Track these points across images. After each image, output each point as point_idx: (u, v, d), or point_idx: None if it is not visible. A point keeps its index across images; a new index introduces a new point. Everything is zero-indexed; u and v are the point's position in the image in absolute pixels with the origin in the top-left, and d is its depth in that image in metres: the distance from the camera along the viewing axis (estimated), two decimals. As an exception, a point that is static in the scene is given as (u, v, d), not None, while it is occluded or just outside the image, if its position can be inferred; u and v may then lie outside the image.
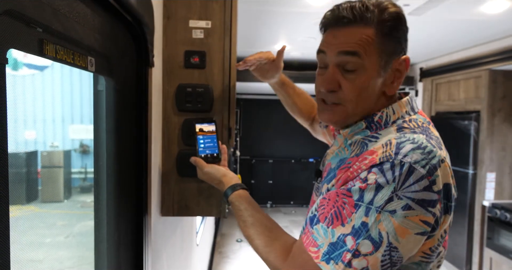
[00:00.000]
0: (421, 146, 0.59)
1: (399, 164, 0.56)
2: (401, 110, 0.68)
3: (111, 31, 0.73)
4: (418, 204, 0.56)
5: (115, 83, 0.76)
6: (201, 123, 0.98)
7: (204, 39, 1.07)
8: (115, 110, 0.78)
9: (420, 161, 0.57)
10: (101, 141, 0.75)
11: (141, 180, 0.91)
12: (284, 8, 2.31)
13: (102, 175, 0.75)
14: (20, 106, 0.41)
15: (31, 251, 3.45)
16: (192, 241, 2.06)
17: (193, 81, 1.07)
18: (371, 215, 0.56)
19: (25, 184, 4.82)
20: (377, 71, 0.66)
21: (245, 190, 0.85)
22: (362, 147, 0.66)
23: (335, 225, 0.58)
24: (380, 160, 0.58)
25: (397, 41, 0.67)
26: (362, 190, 0.57)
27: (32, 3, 0.44)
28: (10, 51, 0.40)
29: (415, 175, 0.56)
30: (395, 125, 0.67)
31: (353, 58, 0.66)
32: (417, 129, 0.65)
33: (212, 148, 0.96)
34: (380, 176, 0.57)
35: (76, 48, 0.57)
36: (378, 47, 0.65)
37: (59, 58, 0.51)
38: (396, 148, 0.59)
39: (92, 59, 0.63)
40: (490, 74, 3.03)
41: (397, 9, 0.66)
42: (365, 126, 0.69)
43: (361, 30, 0.66)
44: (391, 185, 0.56)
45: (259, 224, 0.74)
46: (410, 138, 0.61)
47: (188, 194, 1.07)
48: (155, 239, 1.03)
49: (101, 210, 0.76)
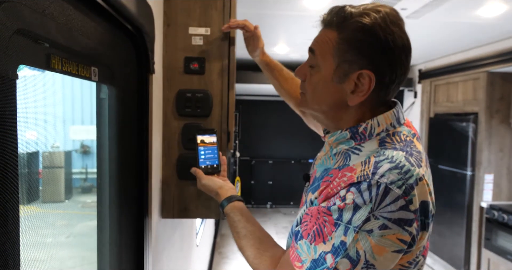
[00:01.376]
0: (399, 165, 0.59)
1: (375, 185, 0.57)
2: (385, 122, 0.68)
3: (113, 41, 0.76)
4: (394, 223, 0.57)
5: (117, 91, 0.79)
6: (202, 134, 1.01)
7: (203, 45, 1.09)
8: (117, 116, 0.80)
9: (397, 182, 0.57)
10: (104, 146, 0.77)
11: (142, 183, 0.93)
12: (283, 11, 2.33)
13: (104, 179, 0.78)
14: (21, 106, 0.44)
15: (33, 251, 3.47)
16: (192, 242, 2.09)
17: (192, 86, 1.09)
18: (349, 234, 0.57)
19: (27, 185, 4.84)
20: (330, 74, 0.67)
21: (241, 201, 0.88)
22: (345, 159, 0.67)
23: (317, 242, 0.60)
24: (358, 179, 0.59)
25: (357, 52, 0.64)
26: (341, 210, 0.59)
27: (40, 20, 0.47)
28: (20, 67, 0.43)
29: (391, 195, 0.57)
30: (379, 137, 0.67)
31: (310, 55, 0.70)
32: (398, 144, 0.64)
33: (212, 159, 0.99)
34: (357, 196, 0.58)
35: (80, 60, 0.60)
36: (334, 52, 0.66)
37: (65, 70, 0.54)
38: (374, 167, 0.60)
39: (95, 69, 0.66)
40: (488, 76, 3.05)
41: (369, 21, 0.63)
42: (349, 136, 0.69)
43: (328, 32, 0.68)
44: (368, 205, 0.57)
45: (252, 236, 0.77)
46: (389, 156, 0.61)
47: (187, 197, 1.10)
48: (155, 241, 1.05)
49: (103, 213, 0.79)
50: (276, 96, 6.22)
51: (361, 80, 0.65)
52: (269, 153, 6.31)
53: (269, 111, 6.16)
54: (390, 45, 0.63)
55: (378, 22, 0.63)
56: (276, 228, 5.11)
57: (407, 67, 0.67)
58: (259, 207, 6.23)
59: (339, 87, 0.67)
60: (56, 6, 0.51)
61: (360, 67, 0.64)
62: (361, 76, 0.65)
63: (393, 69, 0.64)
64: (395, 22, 0.64)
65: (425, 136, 3.84)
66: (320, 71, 0.68)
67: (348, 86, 0.66)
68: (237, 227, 0.80)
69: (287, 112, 5.62)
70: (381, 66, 0.64)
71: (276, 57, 4.30)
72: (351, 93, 0.67)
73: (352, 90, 0.66)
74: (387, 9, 0.65)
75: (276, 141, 6.28)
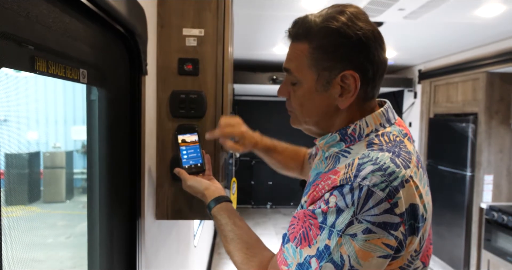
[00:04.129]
0: (382, 167, 0.57)
1: (357, 187, 0.56)
2: (374, 122, 0.67)
3: (103, 43, 0.76)
4: (379, 227, 0.55)
5: (107, 93, 0.79)
6: (183, 133, 1.00)
7: (197, 46, 1.09)
8: (108, 118, 0.80)
9: (379, 184, 0.56)
10: (94, 148, 0.77)
11: (134, 184, 0.93)
12: (281, 12, 2.33)
13: (95, 181, 0.78)
14: (22, 107, 0.44)
15: (34, 251, 3.49)
16: (190, 243, 2.09)
17: (186, 87, 1.09)
18: (332, 238, 0.56)
19: (28, 185, 4.85)
20: (313, 85, 0.66)
21: (229, 202, 0.86)
22: (335, 162, 0.66)
23: (303, 245, 0.59)
24: (341, 182, 0.58)
25: (333, 56, 0.64)
26: (325, 213, 0.58)
27: (24, 23, 0.47)
28: (1, 70, 0.43)
29: (374, 198, 0.55)
30: (368, 139, 0.66)
31: (288, 74, 0.70)
32: (386, 145, 0.63)
33: (195, 158, 0.98)
34: (340, 200, 0.57)
35: (68, 62, 0.60)
36: (310, 63, 0.65)
37: (51, 73, 0.54)
38: (357, 170, 0.58)
39: (84, 71, 0.66)
40: (488, 77, 3.04)
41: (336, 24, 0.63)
42: (339, 138, 0.68)
43: (297, 45, 0.67)
44: (350, 208, 0.56)
45: (239, 241, 0.76)
46: (373, 158, 0.59)
47: (181, 198, 1.10)
48: (149, 242, 1.05)
49: (93, 215, 0.79)
50: (275, 97, 6.23)
51: (346, 81, 0.65)
52: (269, 153, 6.29)
53: (268, 112, 6.16)
54: (362, 41, 0.63)
55: (345, 22, 0.63)
56: (276, 229, 5.10)
57: (385, 56, 0.67)
58: (259, 207, 6.22)
59: (326, 95, 0.67)
60: (41, 9, 0.51)
61: (341, 70, 0.64)
62: (345, 78, 0.64)
63: (373, 62, 0.64)
64: (359, 18, 0.64)
65: (425, 136, 3.82)
66: (302, 85, 0.68)
67: (334, 91, 0.66)
68: (224, 230, 0.79)
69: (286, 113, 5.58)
70: (361, 63, 0.64)
71: (275, 57, 4.29)
72: (339, 97, 0.66)
73: (339, 93, 0.66)
74: (348, 7, 0.66)
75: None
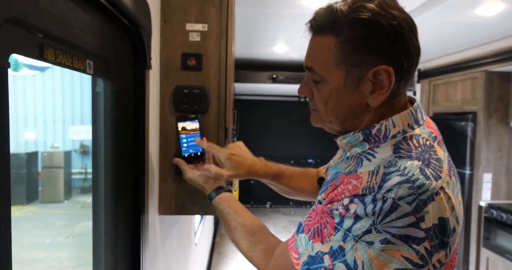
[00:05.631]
0: (411, 179, 0.53)
1: (381, 199, 0.52)
2: (402, 122, 0.61)
3: (109, 35, 0.76)
4: (400, 239, 0.52)
5: (113, 85, 0.78)
6: (183, 121, 0.96)
7: (200, 41, 1.09)
8: (113, 111, 0.80)
9: (406, 197, 0.52)
10: (99, 141, 0.77)
11: (138, 179, 0.93)
12: (282, 10, 2.33)
13: (100, 175, 0.78)
14: (20, 106, 0.43)
15: (32, 251, 3.48)
16: (191, 240, 2.08)
17: (190, 82, 1.09)
18: (348, 241, 0.54)
19: (26, 185, 4.84)
20: (342, 83, 0.60)
21: (229, 192, 0.85)
22: (357, 164, 0.61)
23: (316, 240, 0.58)
24: (363, 191, 0.55)
25: (365, 50, 0.58)
26: (342, 216, 0.56)
27: (33, 10, 0.47)
28: (12, 56, 0.42)
29: (398, 211, 0.52)
30: (394, 141, 0.60)
31: (309, 73, 0.64)
32: (415, 150, 0.58)
33: (195, 147, 0.95)
34: (360, 208, 0.54)
35: (75, 52, 0.59)
36: (338, 59, 0.59)
37: (59, 62, 0.54)
38: (381, 179, 0.54)
39: (90, 62, 0.65)
40: (487, 75, 3.05)
41: (368, 14, 0.56)
42: (362, 138, 0.63)
43: (321, 40, 0.61)
44: (370, 217, 0.53)
45: (242, 229, 0.75)
46: (401, 167, 0.55)
47: (184, 193, 1.10)
48: (153, 238, 1.05)
49: (99, 210, 0.79)
50: (275, 96, 6.23)
51: (379, 77, 0.58)
52: (269, 153, 6.30)
53: (269, 111, 6.16)
54: (397, 31, 0.56)
55: (377, 11, 0.56)
56: (276, 228, 5.10)
57: (419, 45, 0.60)
58: (258, 207, 6.22)
59: (356, 93, 0.61)
60: (50, -3, 0.51)
61: (373, 65, 0.58)
62: (377, 73, 0.58)
63: (408, 54, 0.58)
64: (391, 5, 0.58)
65: (424, 135, 3.83)
66: (328, 83, 0.62)
67: (365, 88, 0.60)
68: (227, 219, 0.79)
69: (286, 112, 5.63)
70: (396, 56, 0.58)
71: (276, 56, 4.29)
72: (370, 94, 0.60)
73: (371, 90, 0.60)
74: None
75: (276, 141, 6.28)
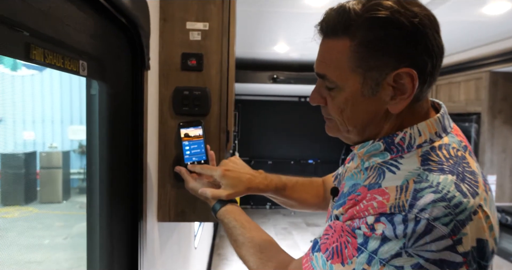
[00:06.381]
0: (446, 196, 0.48)
1: (413, 219, 0.47)
2: (429, 130, 0.56)
3: (105, 34, 0.71)
4: (434, 264, 0.47)
5: (109, 87, 0.74)
6: (186, 127, 0.91)
7: (201, 41, 1.05)
8: (109, 114, 0.76)
9: (442, 218, 0.47)
10: (94, 146, 0.73)
11: (136, 185, 0.89)
12: (283, 9, 2.29)
13: (94, 181, 0.74)
14: (19, 106, 0.39)
15: (30, 253, 3.43)
16: (190, 244, 2.04)
17: (190, 84, 1.05)
18: (373, 265, 0.49)
19: (24, 185, 4.79)
20: (358, 89, 0.55)
21: (234, 203, 0.79)
22: (379, 176, 0.56)
23: (335, 261, 0.53)
24: (391, 210, 0.49)
25: (384, 53, 0.53)
26: (367, 237, 0.50)
27: (20, 6, 0.42)
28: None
29: (433, 234, 0.47)
30: (421, 151, 0.55)
31: (324, 80, 0.59)
32: (446, 163, 0.52)
33: (199, 154, 0.90)
34: (389, 229, 0.48)
35: (66, 52, 0.55)
36: (353, 64, 0.54)
37: (48, 63, 0.49)
38: (413, 197, 0.49)
39: (84, 63, 0.61)
40: (491, 76, 3.01)
41: (386, 13, 0.51)
42: (383, 147, 0.57)
43: (333, 43, 0.56)
44: (400, 240, 0.47)
45: (251, 245, 0.70)
46: (434, 183, 0.49)
47: (184, 199, 1.05)
48: (151, 245, 1.01)
49: (94, 217, 0.74)
50: (276, 96, 6.20)
51: (400, 81, 0.53)
52: (269, 153, 6.27)
53: (269, 111, 6.13)
54: (419, 29, 0.51)
55: (396, 9, 0.51)
56: (276, 229, 5.06)
57: (442, 43, 0.55)
58: (258, 207, 6.18)
59: (374, 99, 0.56)
60: (38, -8, 0.46)
61: (393, 68, 0.53)
62: (399, 77, 0.53)
63: (431, 54, 0.53)
64: (410, 1, 0.53)
65: (427, 136, 3.80)
66: (344, 90, 0.56)
67: (385, 93, 0.55)
68: (233, 234, 0.73)
69: (286, 112, 5.59)
70: (419, 57, 0.52)
71: (276, 56, 4.25)
72: (391, 100, 0.55)
73: (391, 96, 0.55)
74: None
75: (276, 141, 6.25)
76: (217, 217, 0.79)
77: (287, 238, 4.75)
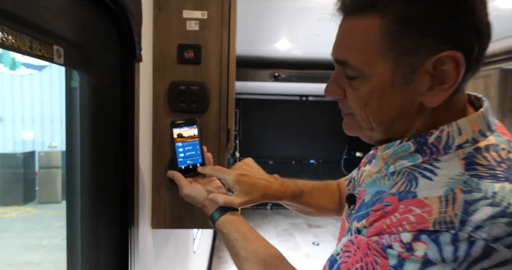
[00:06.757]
0: (507, 210, 0.39)
1: (466, 240, 0.39)
2: (471, 128, 0.47)
3: (87, 18, 0.63)
4: None
5: (92, 79, 0.65)
6: (180, 126, 0.82)
7: (199, 31, 0.96)
8: (93, 110, 0.67)
9: (505, 238, 0.38)
10: (74, 145, 0.64)
11: (126, 188, 0.80)
12: (284, 3, 2.21)
13: (75, 186, 0.65)
14: (17, 106, 0.31)
15: (28, 254, 3.36)
16: (189, 249, 1.96)
17: (187, 78, 0.97)
18: None
19: (22, 185, 4.73)
20: (389, 78, 0.46)
21: (234, 211, 0.70)
22: (410, 183, 0.47)
23: None
24: (435, 227, 0.40)
25: (423, 33, 0.44)
26: (403, 258, 0.41)
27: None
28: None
29: (493, 258, 0.38)
30: (462, 153, 0.46)
31: (345, 67, 0.50)
32: (498, 168, 0.43)
33: (194, 157, 0.81)
34: (433, 251, 0.39)
35: (36, 34, 0.46)
36: (384, 46, 0.45)
37: (9, 45, 0.41)
38: (463, 211, 0.40)
39: (59, 49, 0.52)
40: (501, 73, 2.93)
41: None
42: (414, 148, 0.49)
43: (359, 22, 0.47)
44: (448, 264, 0.39)
45: (254, 260, 0.61)
46: (488, 193, 0.41)
47: (180, 204, 0.97)
48: (143, 254, 0.92)
49: (75, 226, 0.66)
50: (277, 95, 6.12)
51: (441, 67, 0.44)
52: (270, 153, 6.20)
53: (270, 111, 6.05)
54: (467, 3, 0.43)
55: None
56: (277, 231, 4.98)
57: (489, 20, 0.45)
58: (259, 208, 6.09)
59: (407, 90, 0.47)
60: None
61: (434, 51, 0.44)
62: (440, 63, 0.44)
63: (480, 34, 0.44)
64: None
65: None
66: (370, 79, 0.47)
67: (421, 82, 0.46)
68: (234, 247, 0.65)
69: (288, 111, 5.50)
70: (466, 37, 0.44)
71: (278, 53, 4.15)
72: (428, 91, 0.46)
73: (429, 85, 0.46)
74: None
75: (277, 141, 6.17)
76: (215, 227, 0.70)
77: (288, 240, 4.66)
